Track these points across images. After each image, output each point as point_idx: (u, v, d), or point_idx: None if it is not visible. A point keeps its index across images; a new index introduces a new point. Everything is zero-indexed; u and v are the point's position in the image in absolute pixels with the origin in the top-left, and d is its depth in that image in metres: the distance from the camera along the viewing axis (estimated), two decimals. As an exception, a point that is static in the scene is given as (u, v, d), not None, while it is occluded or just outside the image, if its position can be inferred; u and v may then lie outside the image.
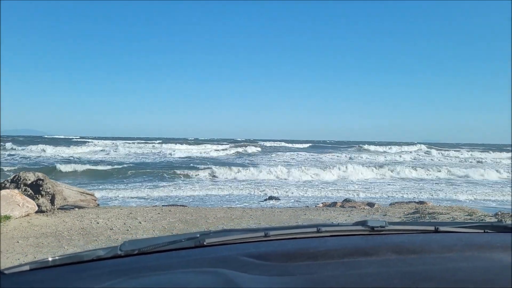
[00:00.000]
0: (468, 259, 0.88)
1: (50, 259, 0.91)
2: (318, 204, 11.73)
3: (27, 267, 0.88)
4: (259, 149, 40.38)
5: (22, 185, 8.31)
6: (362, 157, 32.49)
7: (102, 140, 47.63)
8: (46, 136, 68.27)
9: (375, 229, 1.10)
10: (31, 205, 6.59)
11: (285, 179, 18.58)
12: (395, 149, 44.99)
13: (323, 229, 1.08)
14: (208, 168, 20.25)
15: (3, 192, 6.31)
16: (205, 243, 1.00)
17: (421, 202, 10.45)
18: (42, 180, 8.46)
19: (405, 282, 0.74)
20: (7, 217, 6.06)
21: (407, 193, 14.31)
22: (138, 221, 6.49)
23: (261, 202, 12.11)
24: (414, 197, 13.28)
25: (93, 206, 9.17)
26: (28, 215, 6.45)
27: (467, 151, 43.22)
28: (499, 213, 6.36)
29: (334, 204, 11.14)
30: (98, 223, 6.27)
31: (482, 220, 5.83)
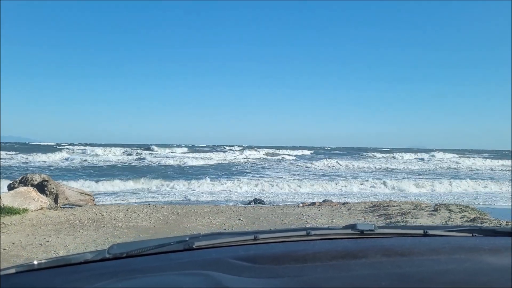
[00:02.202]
0: (456, 262, 0.93)
1: (35, 262, 0.94)
2: (299, 204, 13.28)
3: (13, 270, 0.91)
4: (264, 156, 40.80)
5: (29, 185, 9.76)
6: (399, 168, 31.07)
7: (97, 147, 48.14)
8: (31, 143, 68.63)
9: (365, 232, 1.15)
10: (44, 200, 8.06)
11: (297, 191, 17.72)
12: (417, 156, 44.96)
13: (313, 232, 1.13)
14: (199, 177, 21.37)
15: (21, 189, 7.78)
16: (194, 246, 1.04)
17: (390, 201, 12.11)
18: (47, 181, 9.93)
19: (394, 284, 0.79)
20: (25, 210, 7.52)
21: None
22: (136, 213, 8.00)
23: (246, 205, 13.55)
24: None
25: (91, 205, 10.61)
26: (41, 208, 7.91)
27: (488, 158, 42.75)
28: (437, 203, 8.04)
29: (313, 203, 12.75)
30: (102, 215, 7.77)
31: (423, 209, 7.47)
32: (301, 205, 12.75)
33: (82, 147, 44.71)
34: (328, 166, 30.76)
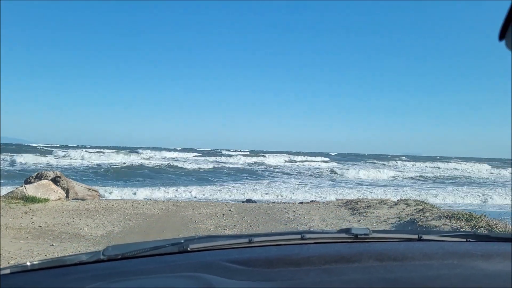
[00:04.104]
0: (448, 267, 0.97)
1: (29, 263, 0.99)
2: (286, 202, 14.90)
3: (7, 271, 0.95)
4: (266, 161, 41.43)
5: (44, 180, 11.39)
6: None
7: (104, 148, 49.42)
8: (30, 145, 69.96)
9: (359, 236, 1.21)
10: (61, 192, 9.70)
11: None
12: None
13: (307, 236, 1.19)
14: (196, 181, 22.85)
15: (43, 181, 9.41)
16: (189, 249, 1.09)
17: (363, 198, 13.81)
18: (59, 177, 11.59)
19: None
20: (46, 199, 9.15)
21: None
22: (141, 205, 9.65)
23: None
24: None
25: (98, 200, 12.23)
26: (60, 199, 9.54)
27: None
28: (399, 199, 9.74)
29: (301, 203, 14.44)
30: (113, 205, 9.41)
31: (386, 203, 9.15)
32: (290, 204, 14.42)
33: (74, 149, 45.84)
34: (332, 173, 31.30)
